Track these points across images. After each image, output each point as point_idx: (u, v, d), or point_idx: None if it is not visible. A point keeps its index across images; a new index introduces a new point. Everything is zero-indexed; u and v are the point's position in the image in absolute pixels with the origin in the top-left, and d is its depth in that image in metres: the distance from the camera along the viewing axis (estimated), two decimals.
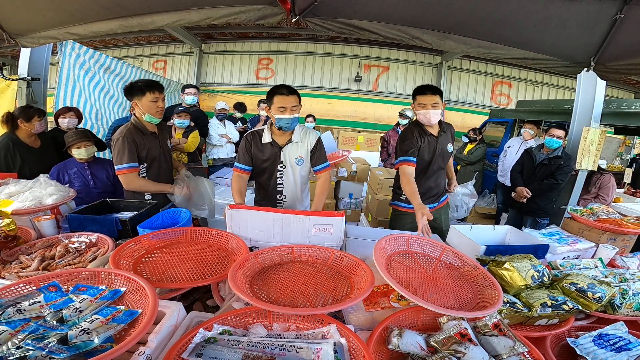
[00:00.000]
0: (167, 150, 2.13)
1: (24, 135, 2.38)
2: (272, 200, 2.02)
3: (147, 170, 1.99)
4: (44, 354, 0.67)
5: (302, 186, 2.02)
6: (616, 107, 3.82)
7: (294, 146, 1.92)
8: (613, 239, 1.77)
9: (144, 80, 1.93)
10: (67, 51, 3.44)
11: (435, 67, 7.70)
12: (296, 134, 1.91)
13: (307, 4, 1.87)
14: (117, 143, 1.86)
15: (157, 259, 1.21)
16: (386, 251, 1.24)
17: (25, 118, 2.35)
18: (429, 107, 1.98)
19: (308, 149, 1.95)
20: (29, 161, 2.36)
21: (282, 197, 2.01)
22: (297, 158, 1.93)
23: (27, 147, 2.39)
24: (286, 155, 1.91)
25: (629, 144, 7.90)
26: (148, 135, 1.96)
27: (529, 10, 1.84)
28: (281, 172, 1.94)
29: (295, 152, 1.92)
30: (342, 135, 4.82)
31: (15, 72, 3.15)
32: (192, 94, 3.86)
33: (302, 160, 1.93)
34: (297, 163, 1.93)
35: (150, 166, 1.99)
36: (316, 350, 0.78)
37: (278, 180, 1.96)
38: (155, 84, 1.91)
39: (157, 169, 2.02)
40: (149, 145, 1.95)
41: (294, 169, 1.94)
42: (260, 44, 7.89)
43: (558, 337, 1.06)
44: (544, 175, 2.94)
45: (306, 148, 1.94)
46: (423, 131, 2.10)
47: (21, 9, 2.28)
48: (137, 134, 1.91)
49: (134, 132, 1.90)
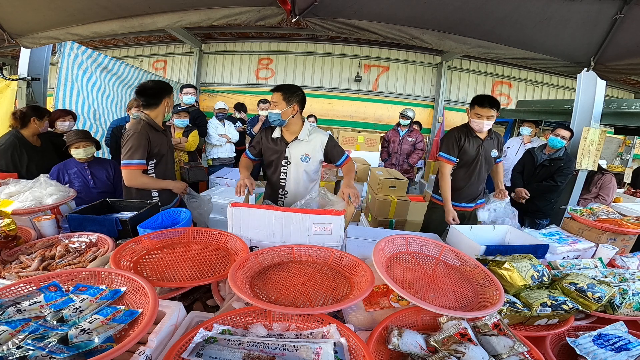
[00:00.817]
0: (172, 147, 2.18)
1: (29, 134, 2.39)
2: (275, 194, 2.09)
3: (155, 167, 2.00)
4: (44, 354, 0.67)
5: (306, 184, 2.05)
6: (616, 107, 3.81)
7: (300, 144, 1.99)
8: (613, 239, 1.77)
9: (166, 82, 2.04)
10: (66, 51, 3.43)
11: (435, 67, 7.69)
12: (303, 132, 1.98)
13: (307, 4, 1.88)
14: (131, 137, 1.84)
15: (158, 259, 1.21)
16: (385, 253, 1.24)
17: (38, 116, 2.40)
18: (484, 119, 2.16)
19: (316, 147, 2.00)
20: (34, 159, 2.37)
21: (283, 192, 2.06)
22: (303, 155, 1.99)
23: (31, 145, 2.40)
24: (291, 152, 1.99)
25: (629, 144, 7.90)
26: (160, 132, 1.99)
27: (529, 10, 1.84)
28: (285, 168, 2.02)
29: (301, 150, 1.99)
30: (342, 135, 4.82)
31: (15, 72, 3.16)
32: (190, 93, 3.86)
33: (308, 157, 1.99)
34: (303, 160, 1.99)
35: (159, 162, 2.01)
36: (316, 350, 0.78)
37: (282, 175, 2.03)
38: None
39: (165, 166, 2.04)
40: (160, 142, 1.97)
41: (298, 166, 2.00)
42: (260, 44, 7.88)
43: (558, 337, 1.06)
44: (544, 176, 2.93)
45: (313, 146, 2.00)
46: (469, 132, 2.27)
47: (22, 9, 2.28)
48: (151, 130, 1.92)
49: (148, 129, 1.91)
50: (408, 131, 4.57)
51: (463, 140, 2.26)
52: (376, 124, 7.74)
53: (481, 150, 2.27)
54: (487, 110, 2.13)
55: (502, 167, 2.49)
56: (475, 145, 2.27)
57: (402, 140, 4.56)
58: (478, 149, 2.27)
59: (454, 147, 2.26)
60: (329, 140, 2.02)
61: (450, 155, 2.26)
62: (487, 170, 2.39)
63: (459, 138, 2.26)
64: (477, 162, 2.28)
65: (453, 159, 2.27)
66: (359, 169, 3.74)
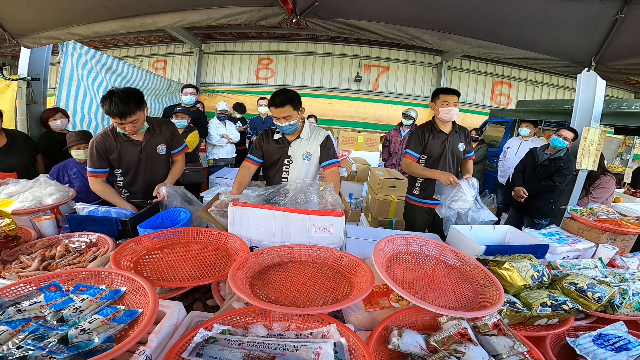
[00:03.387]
0: (152, 156, 1.97)
1: None
2: None
3: (124, 175, 1.97)
4: (44, 354, 0.67)
5: None
6: (616, 107, 3.82)
7: (302, 142, 2.01)
8: (613, 239, 1.77)
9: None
10: (69, 51, 3.42)
11: (435, 67, 7.70)
12: (305, 131, 2.00)
13: (307, 4, 1.88)
14: (89, 146, 1.87)
15: (158, 259, 1.21)
16: (385, 253, 1.24)
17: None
18: (452, 105, 2.22)
19: (317, 145, 2.02)
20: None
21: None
22: (305, 153, 2.01)
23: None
24: (294, 151, 2.01)
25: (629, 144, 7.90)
26: (124, 142, 1.88)
27: (529, 10, 1.84)
28: (287, 167, 2.03)
29: (303, 148, 2.01)
30: (342, 135, 4.81)
31: (15, 72, 3.15)
32: (190, 93, 3.85)
33: (309, 155, 2.01)
34: (305, 158, 2.01)
35: (127, 172, 1.96)
36: (316, 350, 0.78)
37: (283, 174, 2.05)
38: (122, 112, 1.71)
39: (134, 175, 1.96)
40: (126, 150, 1.89)
41: (301, 164, 2.02)
42: (260, 44, 7.89)
43: (558, 337, 1.06)
44: (543, 176, 2.93)
45: (315, 145, 2.02)
46: (433, 128, 2.33)
47: (22, 9, 2.28)
48: (110, 139, 1.85)
49: (107, 138, 1.85)
50: (410, 131, 4.57)
51: (427, 136, 2.32)
52: (376, 124, 7.74)
53: (447, 145, 2.31)
54: (452, 97, 2.21)
55: (471, 164, 2.51)
56: (439, 140, 2.32)
57: (404, 140, 4.56)
58: (443, 144, 2.31)
59: (418, 143, 2.34)
60: (325, 138, 2.03)
61: (414, 152, 2.35)
62: (457, 165, 2.40)
63: (422, 134, 2.33)
64: (443, 157, 2.32)
65: (416, 155, 2.35)
66: (359, 169, 3.74)
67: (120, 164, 1.92)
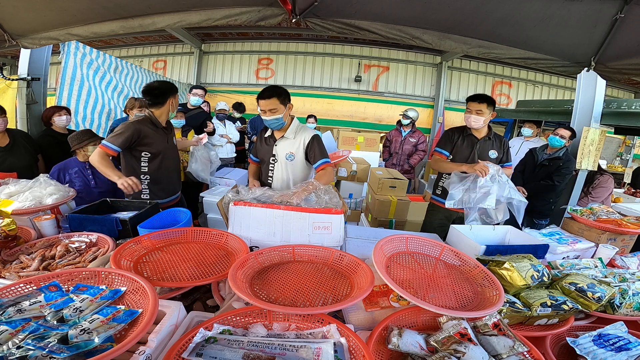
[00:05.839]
0: (172, 146, 2.17)
1: None
2: None
3: (149, 161, 2.01)
4: (44, 354, 0.67)
5: (293, 183, 2.02)
6: (616, 107, 3.81)
7: (286, 142, 1.99)
8: (613, 239, 1.77)
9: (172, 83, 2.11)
10: (72, 50, 3.39)
11: (435, 67, 7.69)
12: (290, 130, 1.98)
13: (307, 4, 1.88)
14: (123, 125, 1.92)
15: (158, 259, 1.21)
16: (385, 253, 1.24)
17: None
18: (473, 113, 2.19)
19: (300, 146, 1.99)
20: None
21: None
22: (288, 153, 1.98)
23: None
24: (278, 150, 2.00)
25: (629, 144, 7.90)
26: (160, 129, 2.03)
27: (529, 10, 1.84)
28: (272, 165, 2.03)
29: (287, 148, 1.99)
30: (342, 135, 4.81)
31: (15, 72, 3.15)
32: (198, 95, 3.82)
33: (292, 155, 1.98)
34: (287, 158, 1.99)
35: (153, 158, 2.02)
36: (316, 350, 0.78)
37: (269, 172, 2.05)
38: None
39: (159, 162, 2.04)
40: (156, 138, 2.00)
41: (284, 164, 2.00)
42: (260, 44, 7.88)
43: (558, 337, 1.06)
44: (542, 176, 2.93)
45: (298, 145, 1.99)
46: (465, 131, 2.33)
47: (22, 9, 2.28)
48: (150, 126, 1.98)
49: (148, 124, 1.97)
50: (410, 132, 4.57)
51: (457, 137, 2.34)
52: (376, 124, 7.74)
53: (476, 149, 2.28)
54: (475, 104, 2.18)
55: (509, 173, 2.33)
56: (469, 143, 2.30)
57: (404, 140, 4.56)
58: (472, 147, 2.29)
59: (448, 142, 2.36)
60: (311, 139, 1.97)
61: (443, 150, 2.37)
62: None
63: (452, 134, 2.36)
64: (470, 160, 2.28)
65: (445, 153, 2.36)
66: (359, 169, 3.73)
67: (148, 148, 1.99)
